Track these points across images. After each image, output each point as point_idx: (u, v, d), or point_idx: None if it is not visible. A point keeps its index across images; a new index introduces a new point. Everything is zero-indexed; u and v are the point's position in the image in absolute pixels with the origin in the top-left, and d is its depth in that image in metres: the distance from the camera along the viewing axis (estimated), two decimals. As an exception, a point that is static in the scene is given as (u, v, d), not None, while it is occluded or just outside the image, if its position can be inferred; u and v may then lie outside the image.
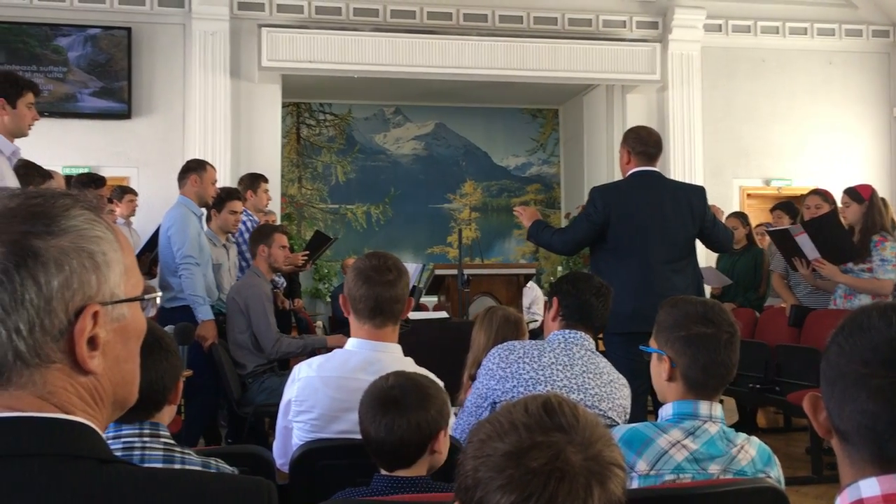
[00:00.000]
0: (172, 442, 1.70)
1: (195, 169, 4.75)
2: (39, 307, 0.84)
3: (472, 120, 11.01)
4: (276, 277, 5.19)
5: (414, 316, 4.57)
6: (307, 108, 10.60)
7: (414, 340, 3.37)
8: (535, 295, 7.54)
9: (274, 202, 7.24)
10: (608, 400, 2.35)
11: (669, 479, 1.73)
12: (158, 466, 1.60)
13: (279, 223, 7.24)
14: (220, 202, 4.91)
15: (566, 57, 8.48)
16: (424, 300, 7.36)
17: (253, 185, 5.69)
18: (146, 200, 6.94)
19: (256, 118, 8.29)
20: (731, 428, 1.84)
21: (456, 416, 2.51)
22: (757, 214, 8.21)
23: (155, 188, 7.61)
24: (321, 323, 8.86)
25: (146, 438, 1.66)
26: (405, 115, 10.95)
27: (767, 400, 5.12)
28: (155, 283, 4.86)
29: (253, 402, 4.33)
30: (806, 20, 9.17)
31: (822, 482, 4.39)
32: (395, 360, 2.24)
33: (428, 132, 11.01)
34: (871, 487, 0.92)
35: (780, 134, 9.16)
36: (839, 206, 4.97)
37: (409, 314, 3.52)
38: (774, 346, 5.02)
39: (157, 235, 4.90)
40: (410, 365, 2.24)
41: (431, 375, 2.15)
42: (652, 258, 3.69)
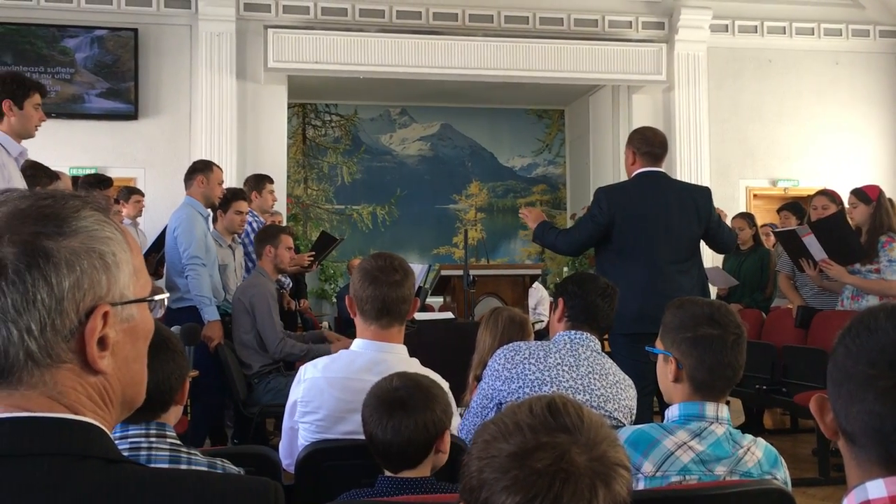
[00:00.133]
0: (179, 442, 1.71)
1: (201, 170, 4.76)
2: (51, 307, 0.84)
3: (477, 120, 11.01)
4: (281, 278, 5.19)
5: (420, 317, 4.57)
6: (313, 108, 10.62)
7: (419, 341, 3.38)
8: (540, 296, 7.53)
9: (280, 203, 7.25)
10: (614, 401, 2.34)
11: (675, 480, 1.73)
12: (164, 467, 1.61)
13: (285, 224, 7.25)
14: (225, 203, 4.92)
15: (572, 57, 8.47)
16: (430, 301, 7.36)
17: (258, 185, 5.69)
18: (153, 201, 6.96)
19: (262, 119, 8.31)
20: (737, 429, 1.84)
21: (461, 416, 2.51)
22: (763, 215, 8.20)
23: (161, 189, 7.63)
24: (327, 323, 8.87)
25: (152, 439, 1.67)
26: (411, 115, 10.95)
27: (774, 401, 5.11)
28: (162, 283, 4.88)
29: (259, 402, 4.34)
30: (813, 20, 9.15)
31: (828, 484, 4.38)
32: (400, 360, 2.24)
33: (434, 133, 11.01)
34: (878, 489, 0.91)
35: (786, 134, 9.14)
36: (846, 206, 4.96)
37: (414, 315, 3.52)
38: (781, 347, 5.01)
39: (163, 236, 4.92)
40: (416, 366, 2.24)
41: (436, 376, 2.15)
42: (658, 259, 3.69)
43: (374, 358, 2.23)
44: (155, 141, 8.07)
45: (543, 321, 6.86)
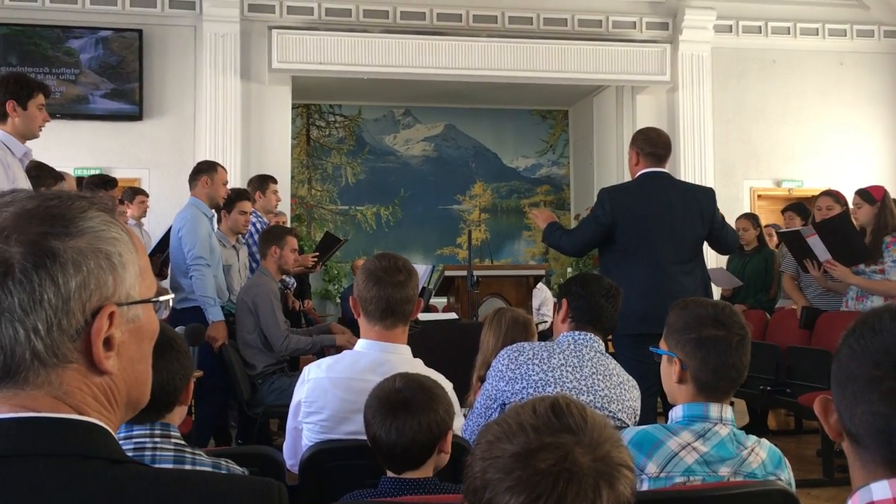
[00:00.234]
0: (183, 442, 1.71)
1: (206, 170, 4.77)
2: (57, 307, 0.85)
3: (481, 121, 11.01)
4: (286, 278, 5.20)
5: (423, 317, 4.57)
6: (317, 109, 10.63)
7: (423, 342, 3.37)
8: (544, 296, 7.53)
9: (284, 203, 7.26)
10: (618, 401, 2.34)
11: (679, 481, 1.73)
12: (169, 467, 1.61)
13: (289, 224, 7.26)
14: (229, 203, 4.93)
15: (576, 58, 8.47)
16: (434, 301, 7.36)
17: (262, 186, 5.69)
18: (157, 202, 6.98)
19: (267, 120, 8.32)
20: (741, 430, 1.83)
21: (465, 417, 2.51)
22: (767, 216, 8.18)
23: (166, 189, 7.65)
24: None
25: (157, 439, 1.67)
26: (415, 116, 10.96)
27: (778, 402, 5.10)
28: (166, 284, 4.89)
29: (263, 402, 4.34)
30: (817, 21, 9.13)
31: (833, 485, 4.37)
32: (404, 361, 2.24)
33: (438, 133, 11.01)
34: (882, 490, 0.91)
35: (790, 135, 9.12)
36: (851, 207, 4.95)
37: (418, 315, 3.52)
38: (785, 348, 5.00)
39: (168, 237, 4.92)
40: (420, 366, 2.24)
41: (440, 377, 2.15)
42: (661, 259, 3.69)
43: (377, 358, 2.23)
44: (159, 142, 8.08)
45: (547, 322, 6.86)
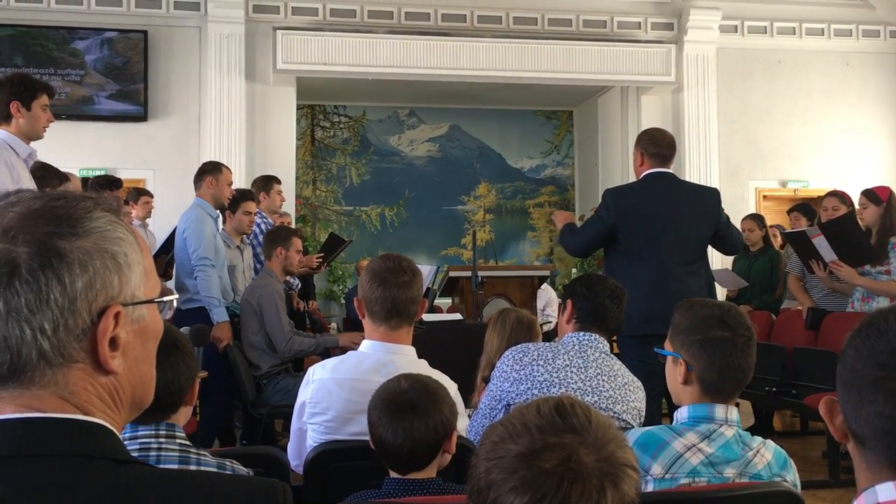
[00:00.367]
0: (188, 443, 1.71)
1: (211, 171, 4.78)
2: (64, 307, 0.85)
3: (486, 122, 11.01)
4: (290, 279, 5.20)
5: (428, 318, 4.57)
6: (322, 110, 10.64)
7: (428, 342, 3.37)
8: (549, 297, 7.52)
9: (288, 204, 7.27)
10: (623, 402, 2.34)
11: (685, 482, 1.73)
12: (174, 467, 1.61)
13: (294, 225, 7.27)
14: (234, 204, 4.94)
15: (581, 58, 8.46)
16: (438, 302, 7.36)
17: (266, 186, 5.70)
18: (162, 202, 6.99)
19: (271, 120, 8.33)
20: (746, 431, 1.83)
21: (470, 418, 2.51)
22: (773, 216, 8.17)
23: (171, 190, 7.66)
24: (335, 324, 8.89)
25: (162, 439, 1.68)
26: (419, 116, 10.96)
27: (784, 403, 5.09)
28: (171, 284, 4.90)
29: (268, 402, 4.35)
30: (822, 21, 9.11)
31: (838, 486, 4.36)
32: (409, 362, 2.24)
33: (442, 134, 11.01)
34: (887, 492, 0.91)
35: (796, 135, 9.10)
36: (857, 207, 4.94)
37: (422, 316, 3.52)
38: (791, 349, 4.99)
39: (173, 237, 4.93)
40: (425, 367, 2.24)
41: (445, 377, 2.15)
42: (666, 260, 3.68)
43: (382, 359, 2.23)
44: (164, 142, 8.10)
45: (552, 322, 6.86)
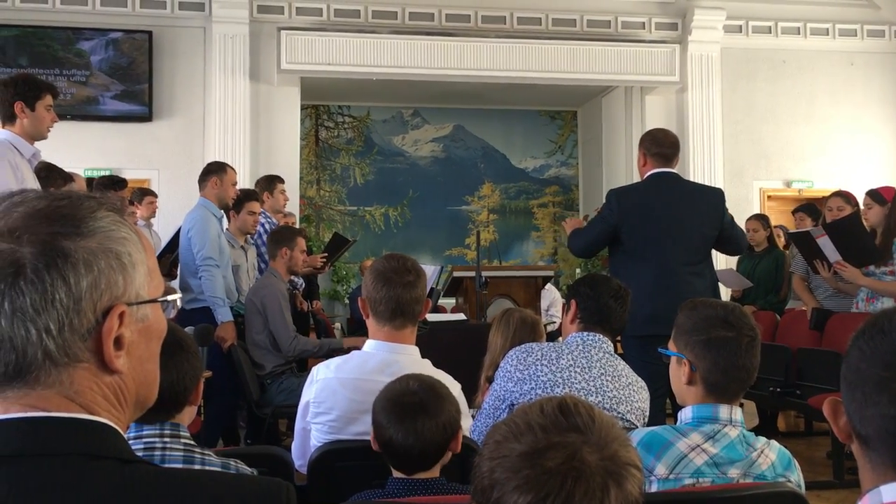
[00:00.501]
0: (192, 443, 1.72)
1: (215, 171, 4.78)
2: (69, 307, 0.85)
3: (490, 122, 11.00)
4: (294, 279, 5.20)
5: (432, 318, 4.56)
6: (326, 110, 10.64)
7: (431, 342, 3.37)
8: (553, 297, 7.52)
9: (292, 204, 7.27)
10: (626, 403, 2.34)
11: (689, 483, 1.73)
12: (178, 467, 1.62)
13: (298, 225, 7.27)
14: (238, 204, 4.94)
15: (585, 58, 8.46)
16: (442, 302, 7.36)
17: (269, 186, 5.70)
18: (166, 202, 7.00)
19: (275, 120, 8.34)
20: (751, 432, 1.83)
21: (473, 418, 2.51)
22: (777, 216, 8.15)
23: (175, 190, 7.68)
24: (339, 325, 8.89)
25: (167, 439, 1.68)
26: (423, 117, 10.96)
27: (788, 404, 5.08)
28: (176, 284, 4.90)
29: (272, 402, 4.35)
30: (827, 21, 9.09)
31: (843, 487, 4.35)
32: (412, 361, 2.24)
33: (446, 134, 11.01)
34: (892, 492, 0.91)
35: (800, 135, 9.08)
36: (861, 208, 4.92)
37: (426, 316, 3.52)
38: (795, 349, 4.98)
39: (177, 237, 4.94)
40: (428, 367, 2.24)
41: (448, 377, 2.15)
42: (670, 260, 3.68)
43: (386, 359, 2.23)
44: (169, 143, 8.11)
45: (556, 322, 6.85)
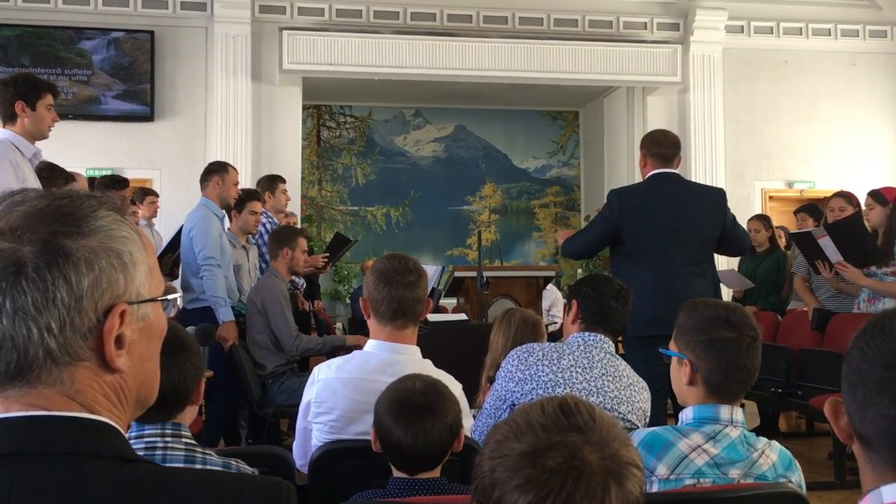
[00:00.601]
0: (194, 442, 1.72)
1: (217, 171, 4.79)
2: (70, 306, 0.85)
3: (492, 122, 11.01)
4: (295, 279, 5.21)
5: (433, 318, 4.56)
6: (328, 110, 10.65)
7: (433, 342, 3.37)
8: (554, 297, 7.52)
9: (294, 204, 7.27)
10: (628, 403, 2.34)
11: (689, 483, 1.72)
12: (180, 466, 1.62)
13: (300, 225, 7.27)
14: (240, 203, 4.94)
15: (586, 59, 8.46)
16: (443, 302, 7.36)
17: (271, 186, 5.70)
18: (168, 202, 7.01)
19: (277, 120, 8.35)
20: (752, 432, 1.83)
21: (475, 418, 2.51)
22: (779, 217, 8.15)
23: (177, 190, 7.68)
24: (341, 324, 8.89)
25: (168, 438, 1.68)
26: (425, 117, 10.96)
27: (789, 404, 5.07)
28: (177, 284, 4.91)
29: (273, 402, 4.35)
30: (829, 21, 9.08)
31: (844, 487, 4.34)
32: (414, 361, 2.24)
33: (448, 134, 11.01)
34: (893, 493, 0.90)
35: (802, 136, 9.08)
36: (863, 208, 4.92)
37: (427, 316, 3.52)
38: (797, 350, 4.97)
39: (178, 237, 4.94)
40: (429, 367, 2.24)
41: (450, 378, 2.15)
42: (672, 261, 3.67)
43: (387, 359, 2.23)
44: (170, 142, 8.12)
45: (557, 323, 6.85)
